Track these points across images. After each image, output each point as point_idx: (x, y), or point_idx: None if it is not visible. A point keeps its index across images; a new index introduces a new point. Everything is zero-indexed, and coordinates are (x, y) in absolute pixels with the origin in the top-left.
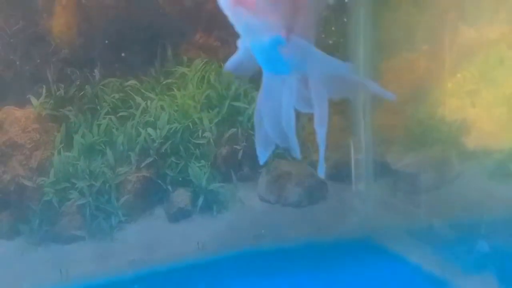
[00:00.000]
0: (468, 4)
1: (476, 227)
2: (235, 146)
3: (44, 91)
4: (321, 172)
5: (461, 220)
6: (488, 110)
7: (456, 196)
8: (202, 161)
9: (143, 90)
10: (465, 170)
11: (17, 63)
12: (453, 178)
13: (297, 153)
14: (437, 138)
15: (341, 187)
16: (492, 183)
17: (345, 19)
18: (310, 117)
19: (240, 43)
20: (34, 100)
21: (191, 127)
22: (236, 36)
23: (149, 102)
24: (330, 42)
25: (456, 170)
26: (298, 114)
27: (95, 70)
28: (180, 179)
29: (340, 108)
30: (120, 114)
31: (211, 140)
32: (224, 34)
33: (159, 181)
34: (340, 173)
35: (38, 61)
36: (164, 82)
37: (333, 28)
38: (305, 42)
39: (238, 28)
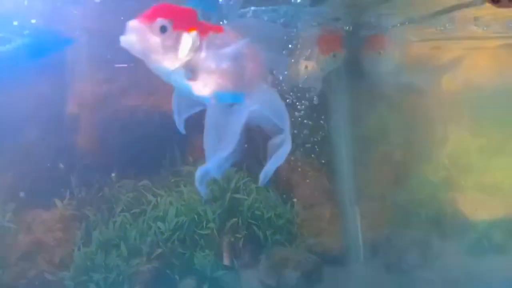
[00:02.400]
0: (434, 103)
1: None
2: (236, 235)
3: (68, 194)
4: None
5: None
6: (461, 193)
7: (440, 273)
8: (207, 250)
9: (154, 189)
10: (445, 249)
11: (45, 171)
12: (436, 257)
13: (202, 190)
14: (417, 220)
15: (335, 269)
16: (470, 259)
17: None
18: (305, 205)
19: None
20: (59, 203)
21: (196, 219)
22: None
23: (159, 198)
24: (317, 138)
25: (437, 249)
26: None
27: (112, 174)
28: (186, 268)
29: (329, 197)
30: (133, 211)
31: (215, 230)
32: None
33: (168, 271)
34: (333, 256)
35: (63, 168)
36: (172, 180)
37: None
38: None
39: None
